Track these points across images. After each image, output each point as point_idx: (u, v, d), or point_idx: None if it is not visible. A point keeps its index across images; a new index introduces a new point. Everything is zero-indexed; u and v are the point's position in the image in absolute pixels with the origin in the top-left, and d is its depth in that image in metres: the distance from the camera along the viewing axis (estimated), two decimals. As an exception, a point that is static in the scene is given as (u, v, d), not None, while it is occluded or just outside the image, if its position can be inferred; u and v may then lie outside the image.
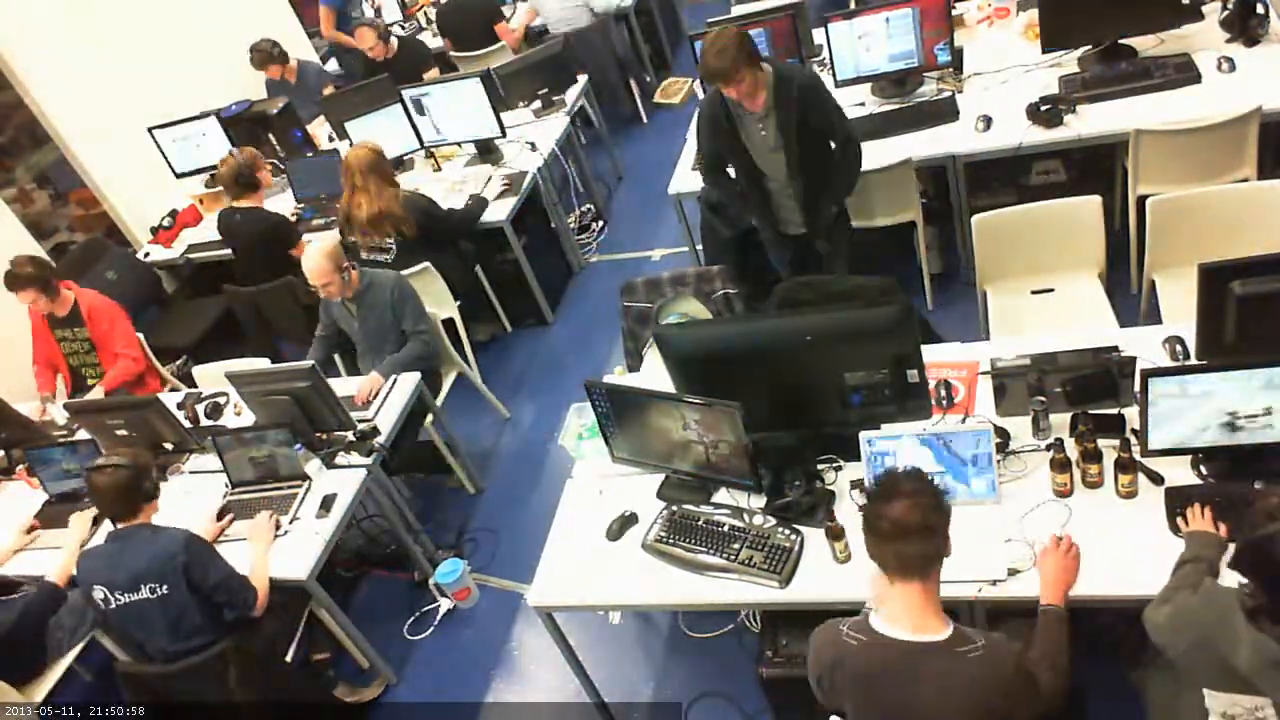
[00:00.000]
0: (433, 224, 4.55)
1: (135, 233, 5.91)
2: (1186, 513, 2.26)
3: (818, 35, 4.57)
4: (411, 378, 3.83)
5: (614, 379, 3.32)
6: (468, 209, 4.73)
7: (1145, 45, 3.87)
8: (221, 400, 4.04)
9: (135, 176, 5.86)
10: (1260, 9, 3.71)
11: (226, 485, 3.59)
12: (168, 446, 3.83)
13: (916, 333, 2.59)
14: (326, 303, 4.05)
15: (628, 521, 2.85)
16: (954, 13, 4.27)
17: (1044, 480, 2.49)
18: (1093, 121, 3.68)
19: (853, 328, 2.64)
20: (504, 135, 5.11)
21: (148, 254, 5.68)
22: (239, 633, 3.06)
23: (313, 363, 3.58)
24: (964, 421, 2.71)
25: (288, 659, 3.29)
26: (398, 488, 3.94)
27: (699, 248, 4.52)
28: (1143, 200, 3.27)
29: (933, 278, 4.22)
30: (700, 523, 2.71)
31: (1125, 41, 3.89)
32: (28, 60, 5.45)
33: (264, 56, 6.43)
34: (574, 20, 6.32)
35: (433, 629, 3.74)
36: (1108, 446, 2.42)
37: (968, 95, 4.10)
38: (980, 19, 4.61)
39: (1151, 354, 2.66)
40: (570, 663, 3.00)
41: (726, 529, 2.67)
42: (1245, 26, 3.71)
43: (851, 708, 2.07)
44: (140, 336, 4.65)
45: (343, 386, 3.81)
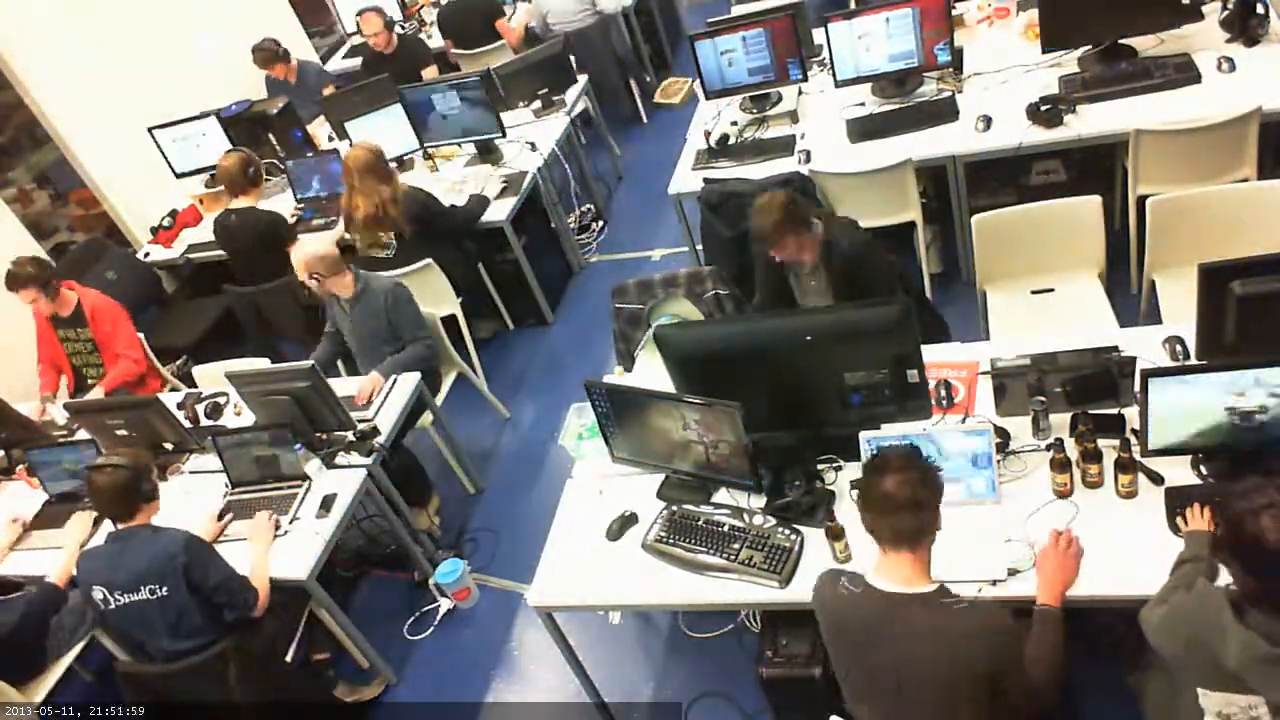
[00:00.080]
0: (432, 219, 4.55)
1: (135, 233, 5.90)
2: (1186, 513, 2.26)
3: (818, 35, 4.57)
4: (411, 378, 3.83)
5: (614, 379, 3.32)
6: (469, 207, 4.73)
7: (1145, 45, 3.87)
8: (221, 400, 4.04)
9: (135, 176, 5.85)
10: (1260, 9, 3.71)
11: (226, 485, 3.59)
12: (168, 446, 3.83)
13: (917, 332, 2.59)
14: (328, 301, 4.05)
15: (628, 521, 2.85)
16: (954, 13, 4.27)
17: (1044, 480, 2.49)
18: (1093, 121, 3.68)
19: (853, 328, 2.64)
20: (504, 135, 5.11)
21: (148, 254, 5.68)
22: (239, 633, 3.06)
23: (313, 363, 3.58)
24: (964, 421, 2.71)
25: (288, 659, 3.29)
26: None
27: (699, 248, 4.52)
28: (1143, 200, 3.27)
29: (933, 278, 4.21)
30: (700, 523, 2.71)
31: (1125, 41, 3.89)
32: (28, 60, 5.44)
33: (269, 56, 6.43)
34: (578, 20, 6.32)
35: (433, 629, 3.74)
36: (1108, 446, 2.43)
37: (968, 95, 4.10)
38: (980, 19, 4.61)
39: (1151, 354, 2.66)
40: (570, 663, 3.00)
41: (726, 529, 2.67)
42: (1245, 26, 3.71)
43: (844, 656, 2.19)
44: (141, 337, 4.65)
45: (343, 386, 3.81)
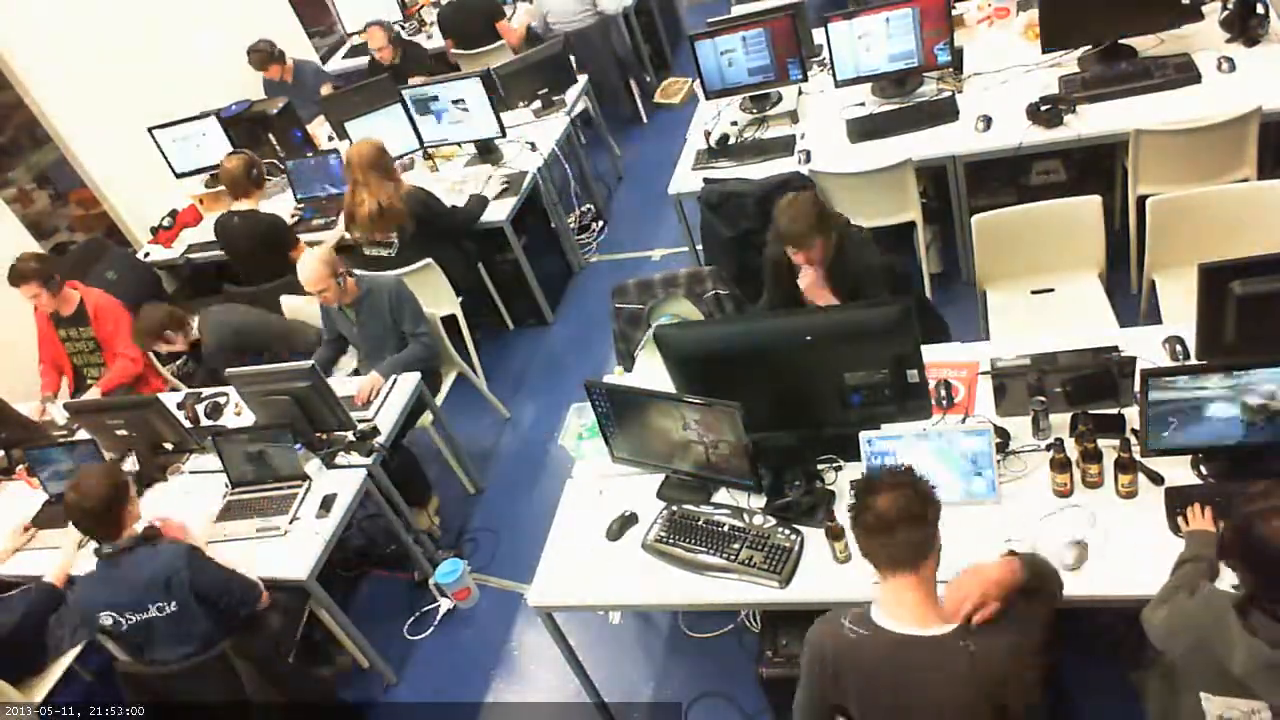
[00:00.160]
0: (433, 217, 4.55)
1: (135, 233, 5.90)
2: (1186, 513, 2.27)
3: (818, 35, 4.57)
4: (411, 378, 3.83)
5: (614, 379, 3.32)
6: (469, 207, 4.73)
7: (1145, 45, 3.87)
8: (221, 400, 4.04)
9: (135, 176, 5.85)
10: (1260, 9, 3.71)
11: (226, 485, 3.59)
12: (168, 446, 3.83)
13: (916, 332, 2.59)
14: (327, 310, 4.05)
15: (628, 521, 2.85)
16: (954, 13, 4.27)
17: (1044, 480, 2.49)
18: (1093, 121, 3.68)
19: (853, 328, 2.64)
20: (504, 135, 5.10)
21: (148, 254, 5.67)
22: (239, 633, 3.06)
23: (313, 363, 3.57)
24: (964, 421, 2.71)
25: (289, 659, 3.29)
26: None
27: (699, 248, 4.52)
28: (1143, 200, 3.27)
29: (933, 278, 4.21)
30: (700, 523, 2.71)
31: (1125, 41, 3.89)
32: (28, 60, 5.44)
33: (264, 57, 6.44)
34: (578, 20, 6.31)
35: (433, 629, 3.74)
36: (1108, 446, 2.42)
37: (968, 95, 4.10)
38: (980, 19, 4.61)
39: (1151, 354, 2.66)
40: (570, 663, 3.00)
41: (726, 529, 2.67)
42: (1245, 26, 3.71)
43: (855, 702, 2.07)
44: (141, 337, 4.65)
45: (343, 386, 3.81)
